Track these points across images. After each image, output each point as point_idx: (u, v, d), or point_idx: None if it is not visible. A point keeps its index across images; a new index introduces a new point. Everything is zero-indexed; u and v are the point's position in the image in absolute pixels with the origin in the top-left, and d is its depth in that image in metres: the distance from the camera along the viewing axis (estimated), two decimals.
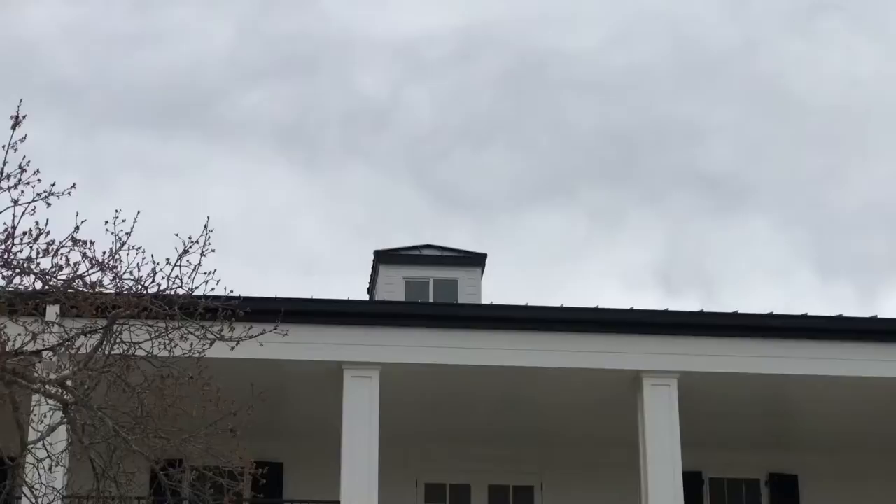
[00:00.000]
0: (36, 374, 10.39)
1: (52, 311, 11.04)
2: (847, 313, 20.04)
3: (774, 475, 22.02)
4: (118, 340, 10.46)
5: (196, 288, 10.64)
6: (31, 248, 9.56)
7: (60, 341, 10.53)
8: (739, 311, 19.85)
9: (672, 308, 20.32)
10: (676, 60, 59.12)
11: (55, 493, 11.33)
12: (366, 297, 25.30)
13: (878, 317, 20.09)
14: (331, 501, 18.63)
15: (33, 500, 10.80)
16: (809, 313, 19.87)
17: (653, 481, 18.82)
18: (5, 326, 9.98)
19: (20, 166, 9.52)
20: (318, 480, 19.29)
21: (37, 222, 9.64)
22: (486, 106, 60.91)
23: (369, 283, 25.72)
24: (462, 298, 24.19)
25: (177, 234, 10.65)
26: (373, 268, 25.38)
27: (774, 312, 19.87)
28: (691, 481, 19.89)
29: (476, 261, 25.26)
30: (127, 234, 10.22)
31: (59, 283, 9.73)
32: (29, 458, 10.92)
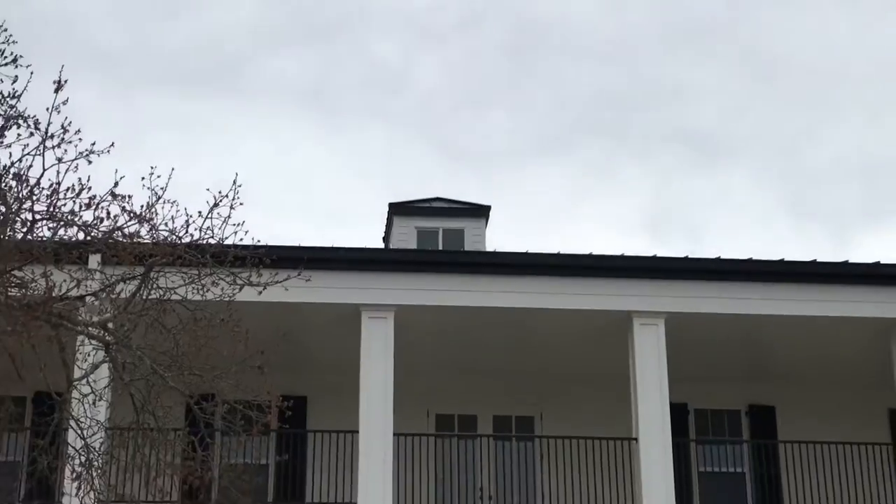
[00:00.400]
0: (80, 318, 10.39)
1: (94, 260, 11.02)
2: (820, 258, 19.98)
3: (754, 406, 22.04)
4: (155, 286, 10.45)
5: (226, 238, 10.61)
6: (74, 202, 9.54)
7: (102, 287, 10.52)
8: (722, 257, 19.81)
9: (660, 254, 20.29)
10: (665, 26, 58.86)
11: (99, 425, 11.36)
12: (381, 245, 25.28)
13: (849, 261, 20.04)
14: (350, 431, 18.71)
15: (79, 432, 10.81)
16: (786, 258, 19.84)
17: (642, 412, 18.86)
18: (51, 274, 9.95)
19: (63, 127, 9.48)
20: (338, 412, 19.33)
21: (79, 178, 9.62)
22: (490, 69, 60.97)
23: (384, 232, 25.72)
24: (468, 246, 24.20)
25: (208, 189, 10.62)
26: (387, 219, 25.37)
27: (754, 258, 19.83)
28: (678, 412, 19.92)
29: (481, 212, 25.25)
30: (162, 188, 10.19)
31: (100, 234, 9.71)
32: (74, 394, 10.92)
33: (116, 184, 9.75)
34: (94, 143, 9.54)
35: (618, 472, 19.29)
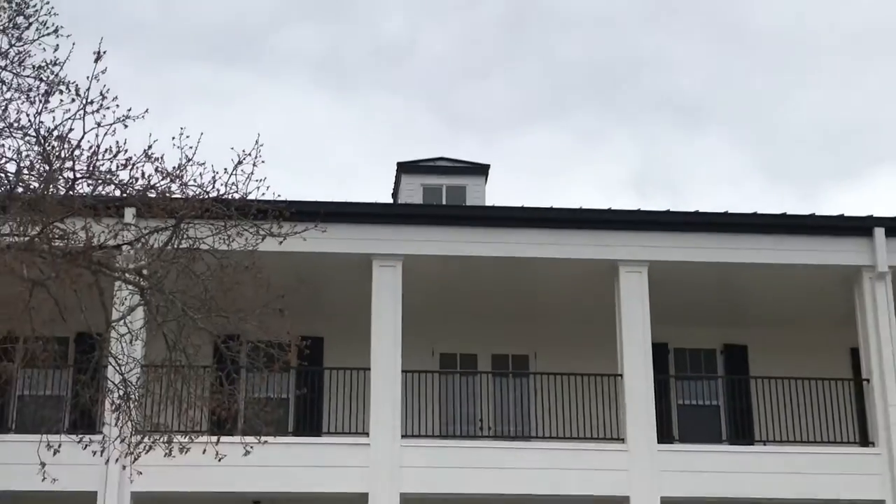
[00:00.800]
0: (117, 265, 10.40)
1: (130, 214, 11.04)
2: (790, 212, 20.01)
3: (728, 346, 22.09)
4: (185, 237, 10.45)
5: (249, 193, 10.60)
6: (111, 162, 9.54)
7: (137, 238, 10.53)
8: (700, 210, 19.81)
9: (644, 208, 20.29)
10: (650, 1, 58.76)
11: (135, 362, 11.39)
12: (390, 201, 25.25)
13: (816, 214, 20.05)
14: (363, 368, 18.78)
15: (117, 368, 10.84)
16: (759, 212, 19.84)
17: (627, 351, 18.91)
18: (91, 226, 9.96)
19: (101, 94, 9.48)
20: (352, 352, 19.40)
21: (116, 141, 9.63)
22: (489, 41, 60.94)
23: (393, 189, 25.67)
24: (469, 201, 24.16)
25: (232, 148, 10.61)
26: (396, 176, 25.32)
27: (730, 211, 19.83)
28: (658, 351, 19.95)
29: (481, 171, 25.19)
30: (191, 148, 10.18)
31: (135, 191, 9.72)
32: (113, 334, 10.95)
33: (150, 146, 9.77)
34: (129, 109, 9.55)
35: (604, 405, 19.36)
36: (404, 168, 25.00)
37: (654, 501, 18.16)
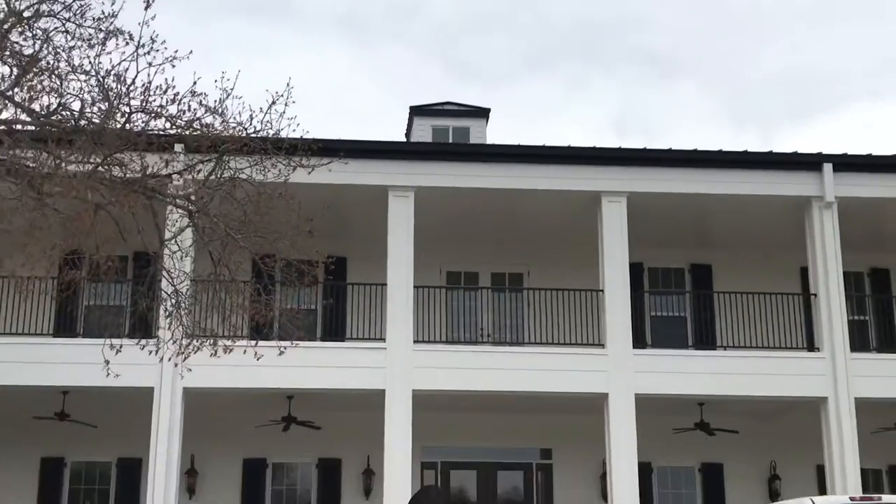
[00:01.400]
0: (168, 191, 10.37)
1: (179, 147, 10.97)
2: (750, 149, 19.91)
3: (695, 265, 22.10)
4: (226, 168, 10.38)
5: (282, 130, 10.51)
6: (161, 98, 9.46)
7: (185, 167, 10.48)
8: (673, 148, 19.72)
9: (623, 146, 20.19)
10: None
11: (185, 275, 11.42)
12: (404, 139, 25.14)
13: (773, 151, 19.96)
14: (380, 284, 18.83)
15: (170, 281, 10.85)
16: (724, 149, 19.75)
17: (608, 269, 18.94)
18: (145, 157, 9.92)
19: (151, 38, 9.36)
20: (371, 270, 19.44)
21: (165, 80, 9.53)
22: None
23: (406, 129, 25.55)
24: (472, 140, 24.05)
25: (267, 90, 10.50)
26: (408, 119, 25.20)
27: (698, 148, 19.72)
28: (634, 270, 19.96)
29: (483, 113, 25.03)
30: (231, 89, 10.08)
31: (183, 124, 9.64)
32: (166, 252, 10.94)
33: (195, 83, 9.68)
34: (176, 51, 9.44)
35: (588, 316, 19.42)
36: (416, 111, 24.88)
37: (629, 398, 18.29)
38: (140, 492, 19.28)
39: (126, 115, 9.36)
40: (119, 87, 9.27)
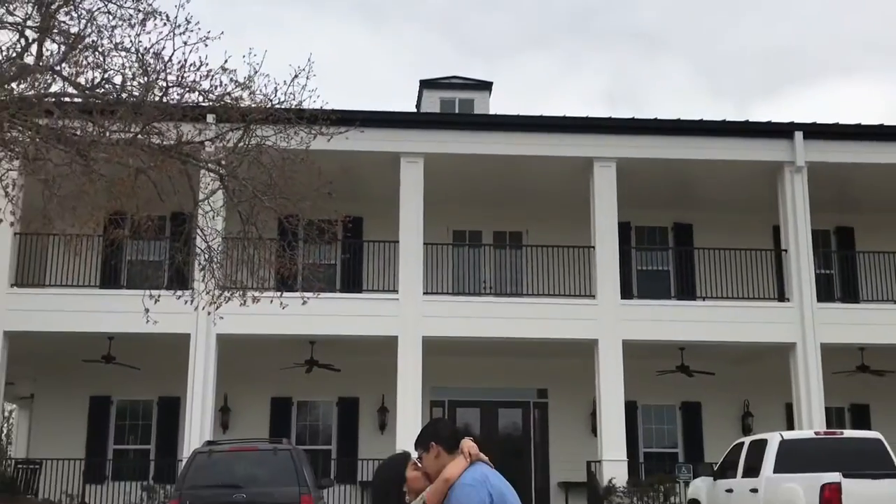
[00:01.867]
0: (201, 157, 10.38)
1: (210, 117, 10.98)
2: (729, 118, 19.85)
3: (677, 224, 22.11)
4: (253, 136, 10.39)
5: (304, 101, 10.49)
6: (195, 73, 9.46)
7: (216, 135, 10.50)
8: (658, 117, 19.64)
9: (613, 116, 20.12)
10: None
11: (217, 233, 11.46)
12: (414, 110, 25.06)
13: (749, 120, 19.91)
14: (393, 241, 18.89)
15: (203, 237, 10.89)
16: (704, 118, 19.68)
17: (598, 227, 18.96)
18: (180, 126, 9.93)
19: (186, 19, 9.34)
20: (384, 229, 19.48)
21: (199, 58, 9.52)
22: None
23: (416, 101, 25.46)
24: (477, 111, 23.97)
25: (290, 65, 10.48)
26: (418, 91, 25.09)
27: (681, 118, 19.64)
28: (623, 228, 20.01)
29: (486, 86, 24.92)
30: (258, 65, 10.06)
31: (215, 97, 9.63)
32: (199, 211, 10.98)
33: (226, 61, 9.66)
34: (209, 32, 9.41)
35: (580, 270, 19.49)
36: (425, 84, 24.78)
37: (617, 343, 18.40)
38: (179, 427, 19.50)
39: (163, 89, 9.36)
40: (157, 63, 9.27)
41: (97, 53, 9.26)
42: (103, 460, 20.14)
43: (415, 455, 4.44)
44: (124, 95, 9.17)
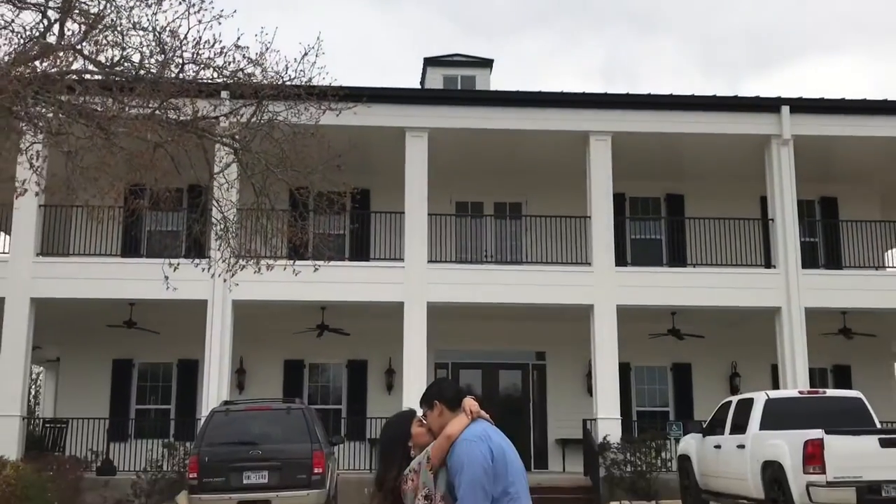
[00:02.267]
0: (216, 132, 10.34)
1: (224, 93, 10.93)
2: (718, 94, 19.75)
3: (669, 195, 22.07)
4: (266, 111, 10.34)
5: (313, 77, 10.42)
6: (210, 51, 9.38)
7: (230, 111, 10.44)
8: (652, 93, 19.55)
9: (609, 91, 20.02)
10: None
11: (232, 204, 11.45)
12: (419, 86, 24.94)
13: (738, 95, 19.79)
14: (399, 212, 18.86)
15: (219, 208, 10.87)
16: (695, 94, 19.58)
17: (594, 199, 18.92)
18: (196, 102, 9.88)
19: None
20: (391, 200, 19.48)
21: (213, 35, 9.43)
22: None
23: (420, 78, 25.33)
24: (478, 87, 23.86)
25: (300, 43, 10.41)
26: (422, 68, 24.95)
27: (674, 93, 19.55)
28: (618, 199, 19.99)
29: (487, 64, 24.78)
30: (269, 43, 9.99)
31: (228, 73, 9.56)
32: (215, 184, 10.94)
33: (238, 38, 9.58)
34: (222, 10, 9.33)
35: (577, 239, 19.50)
36: (429, 62, 24.63)
37: (611, 308, 18.43)
38: (197, 388, 19.62)
39: (179, 66, 9.29)
40: (173, 41, 9.20)
41: (116, 32, 9.21)
42: (126, 419, 20.28)
43: (420, 413, 4.47)
44: (142, 72, 9.12)
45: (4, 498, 12.72)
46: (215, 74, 9.45)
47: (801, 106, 19.22)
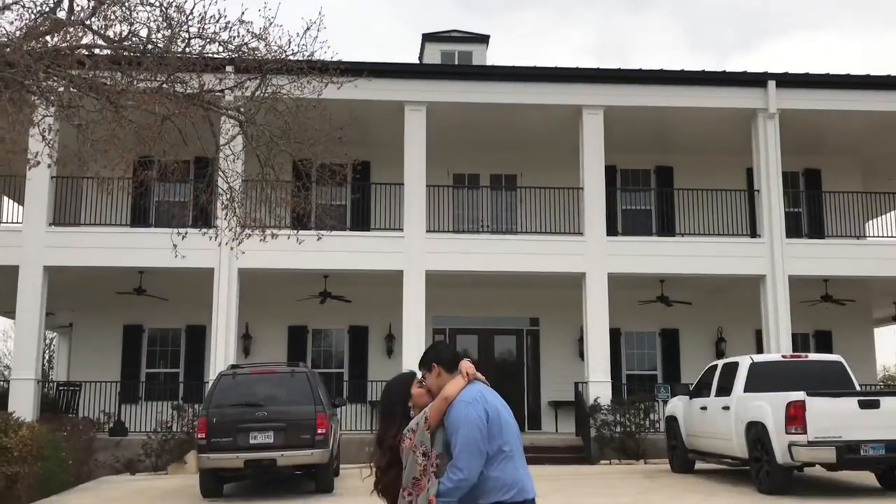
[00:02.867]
0: (222, 104, 10.29)
1: (229, 67, 10.85)
2: (707, 69, 19.66)
3: (659, 167, 22.02)
4: (270, 84, 10.28)
5: (315, 52, 10.36)
6: (215, 26, 9.31)
7: (235, 84, 10.38)
8: (642, 68, 19.44)
9: (601, 66, 19.86)
10: None
11: (237, 175, 11.43)
12: (417, 61, 24.78)
13: (725, 70, 19.69)
14: (398, 183, 18.81)
15: (225, 179, 10.85)
16: (685, 69, 19.48)
17: (587, 170, 18.88)
18: (202, 76, 9.82)
19: None
20: (391, 172, 19.43)
21: (218, 10, 9.37)
22: None
23: (419, 53, 25.16)
24: (475, 62, 23.70)
25: (302, 18, 10.32)
26: (421, 44, 24.77)
27: (664, 68, 19.45)
28: (609, 171, 19.96)
29: (483, 39, 24.60)
30: (273, 18, 9.90)
31: (233, 48, 9.49)
32: (221, 155, 10.92)
33: (243, 13, 9.50)
34: None
35: (570, 209, 19.47)
36: (427, 37, 24.46)
37: (603, 276, 18.46)
38: (205, 352, 19.70)
39: (186, 41, 9.23)
40: (179, 16, 9.12)
41: (124, 8, 9.13)
42: (137, 382, 20.36)
43: (419, 375, 4.49)
44: (150, 47, 9.05)
45: (21, 457, 12.81)
46: (220, 49, 9.39)
47: (787, 81, 19.14)
